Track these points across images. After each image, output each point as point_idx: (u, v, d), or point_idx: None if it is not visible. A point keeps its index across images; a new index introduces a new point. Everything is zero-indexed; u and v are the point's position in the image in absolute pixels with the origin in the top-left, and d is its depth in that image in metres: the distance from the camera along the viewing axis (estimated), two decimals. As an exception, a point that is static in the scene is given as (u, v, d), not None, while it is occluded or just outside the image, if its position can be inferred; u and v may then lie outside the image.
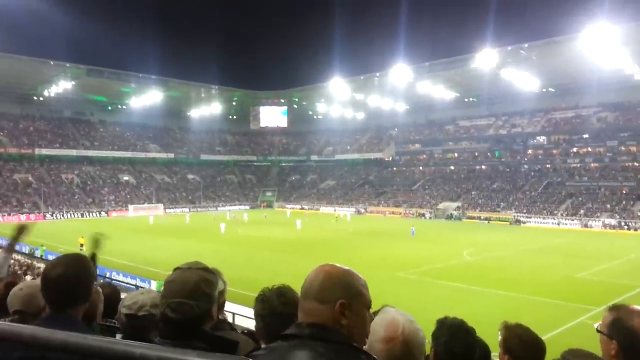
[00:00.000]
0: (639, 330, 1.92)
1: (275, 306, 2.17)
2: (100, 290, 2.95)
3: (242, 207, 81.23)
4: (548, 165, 68.43)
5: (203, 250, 34.01)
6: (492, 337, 2.65)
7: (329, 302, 1.46)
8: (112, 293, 3.53)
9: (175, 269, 1.77)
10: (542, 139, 70.91)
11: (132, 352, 1.00)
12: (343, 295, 1.48)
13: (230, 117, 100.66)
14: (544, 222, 56.55)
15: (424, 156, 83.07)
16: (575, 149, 67.18)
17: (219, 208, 76.31)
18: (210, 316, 1.73)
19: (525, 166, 70.69)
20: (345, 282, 1.51)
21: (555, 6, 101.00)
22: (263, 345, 2.12)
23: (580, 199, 59.58)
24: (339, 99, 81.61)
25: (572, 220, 55.70)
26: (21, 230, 3.95)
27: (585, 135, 66.58)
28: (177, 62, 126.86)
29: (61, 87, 71.90)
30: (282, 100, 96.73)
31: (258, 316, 2.23)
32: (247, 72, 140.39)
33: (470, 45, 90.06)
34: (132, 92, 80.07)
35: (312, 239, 42.22)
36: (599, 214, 55.04)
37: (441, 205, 67.59)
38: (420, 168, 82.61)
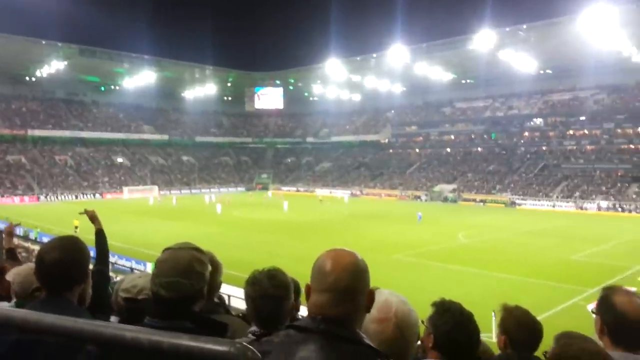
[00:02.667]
0: (620, 305, 2.06)
1: (266, 288, 2.17)
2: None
3: (238, 189, 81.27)
4: (544, 148, 68.37)
5: (197, 232, 33.89)
6: (486, 318, 2.58)
7: (358, 293, 1.43)
8: None
9: (166, 249, 1.76)
10: (538, 121, 70.80)
11: (123, 335, 0.99)
12: (368, 283, 1.47)
13: (225, 98, 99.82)
14: (539, 205, 56.68)
15: (420, 138, 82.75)
16: (571, 131, 67.10)
17: (211, 190, 76.21)
18: (202, 296, 1.73)
19: (522, 148, 70.66)
20: (366, 268, 1.47)
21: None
22: (253, 328, 2.17)
23: (575, 181, 59.69)
24: (335, 80, 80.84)
25: (568, 202, 55.88)
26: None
27: (582, 118, 66.46)
28: (171, 42, 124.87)
29: (53, 67, 70.60)
30: (278, 82, 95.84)
31: (249, 298, 2.22)
32: (242, 53, 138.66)
33: (468, 26, 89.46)
34: (125, 72, 78.93)
35: (308, 221, 42.22)
36: (594, 197, 55.17)
37: (437, 188, 67.62)
38: (417, 150, 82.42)
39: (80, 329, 1.04)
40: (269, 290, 2.17)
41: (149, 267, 21.28)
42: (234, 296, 13.94)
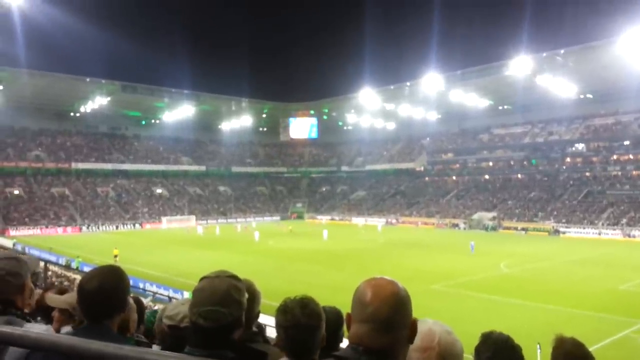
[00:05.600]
0: None
1: (298, 317, 2.06)
2: (132, 302, 2.95)
3: (273, 218, 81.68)
4: (587, 174, 66.22)
5: (234, 261, 33.97)
6: (531, 351, 2.40)
7: (399, 325, 1.40)
8: (138, 304, 3.43)
9: (203, 278, 1.76)
10: (580, 146, 68.80)
11: None
12: (410, 314, 1.44)
13: (260, 129, 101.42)
14: (584, 232, 54.58)
15: (457, 165, 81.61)
16: (615, 157, 64.87)
17: (247, 219, 76.92)
18: (240, 324, 1.73)
19: (564, 174, 68.57)
20: (407, 299, 1.44)
21: (592, 10, 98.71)
22: (284, 359, 2.06)
23: (622, 208, 57.32)
24: (369, 109, 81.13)
25: (614, 230, 53.61)
26: None
27: (626, 142, 64.23)
28: (208, 76, 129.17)
29: (97, 103, 73.68)
30: (312, 112, 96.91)
31: (280, 327, 2.10)
32: (276, 84, 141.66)
33: (503, 52, 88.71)
34: (165, 106, 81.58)
35: (343, 250, 41.81)
36: (642, 224, 52.78)
37: (476, 216, 66.14)
38: (454, 178, 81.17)
39: (125, 355, 1.08)
40: (302, 319, 2.06)
41: (187, 296, 21.33)
42: (270, 325, 13.78)
